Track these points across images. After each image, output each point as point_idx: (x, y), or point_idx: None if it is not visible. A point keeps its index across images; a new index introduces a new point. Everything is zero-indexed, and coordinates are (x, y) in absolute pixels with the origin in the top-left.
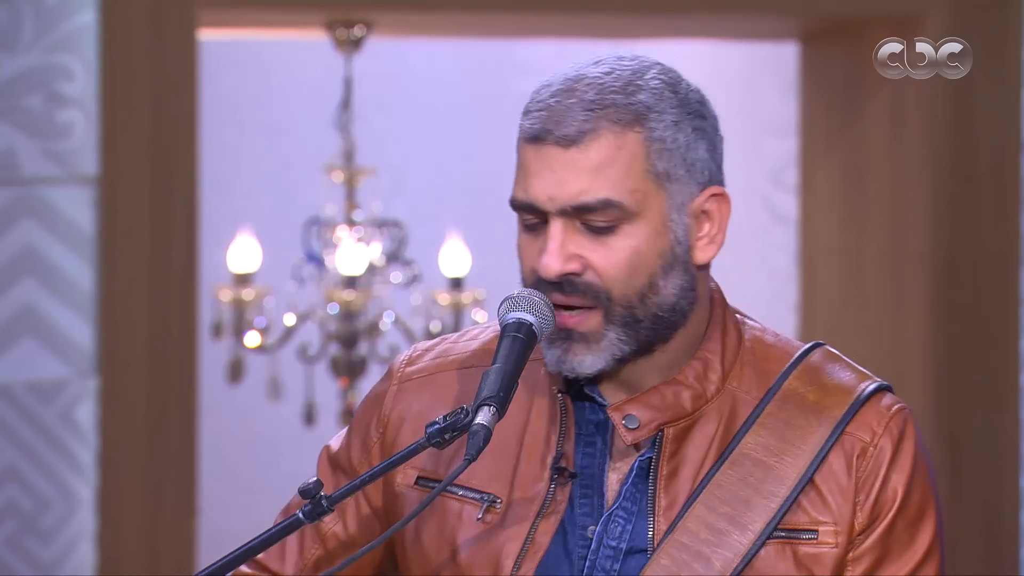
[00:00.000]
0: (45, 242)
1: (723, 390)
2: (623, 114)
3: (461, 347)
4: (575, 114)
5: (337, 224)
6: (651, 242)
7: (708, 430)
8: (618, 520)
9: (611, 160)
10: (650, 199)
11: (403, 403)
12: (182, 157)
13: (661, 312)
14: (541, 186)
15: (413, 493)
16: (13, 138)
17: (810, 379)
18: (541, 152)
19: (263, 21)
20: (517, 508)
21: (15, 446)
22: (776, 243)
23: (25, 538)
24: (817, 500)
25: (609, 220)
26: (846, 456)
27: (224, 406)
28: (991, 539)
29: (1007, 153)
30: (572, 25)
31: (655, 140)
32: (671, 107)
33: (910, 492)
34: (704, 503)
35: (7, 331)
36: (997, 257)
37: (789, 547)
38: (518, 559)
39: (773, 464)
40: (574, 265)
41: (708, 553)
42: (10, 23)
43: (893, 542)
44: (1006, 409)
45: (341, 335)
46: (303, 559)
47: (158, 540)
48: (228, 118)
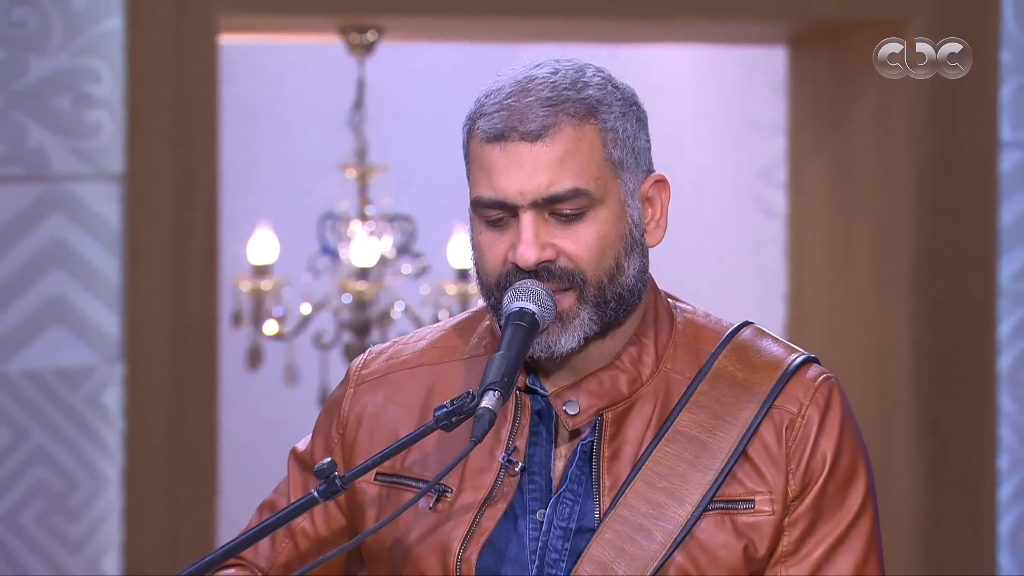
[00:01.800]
0: (74, 236)
1: (658, 372)
2: (578, 107)
3: (411, 348)
4: (535, 111)
5: (350, 219)
6: (614, 226)
7: (645, 412)
8: (566, 502)
9: (574, 151)
10: (609, 186)
11: (359, 404)
12: (203, 155)
13: (624, 292)
14: (510, 181)
15: (372, 489)
16: (43, 137)
17: (739, 357)
18: (507, 150)
19: (280, 27)
20: (466, 497)
21: (45, 429)
22: (766, 237)
23: (55, 516)
24: (752, 472)
25: (576, 208)
26: (776, 428)
27: (243, 391)
28: (971, 516)
29: (986, 151)
30: (572, 30)
31: (608, 130)
32: (616, 100)
33: (839, 457)
34: (643, 480)
35: (38, 320)
36: (977, 250)
37: (728, 517)
38: (463, 542)
39: (707, 440)
40: (548, 253)
41: (649, 526)
42: (40, 28)
43: (826, 505)
44: (985, 394)
45: (354, 323)
46: (275, 552)
47: (180, 517)
48: (247, 118)
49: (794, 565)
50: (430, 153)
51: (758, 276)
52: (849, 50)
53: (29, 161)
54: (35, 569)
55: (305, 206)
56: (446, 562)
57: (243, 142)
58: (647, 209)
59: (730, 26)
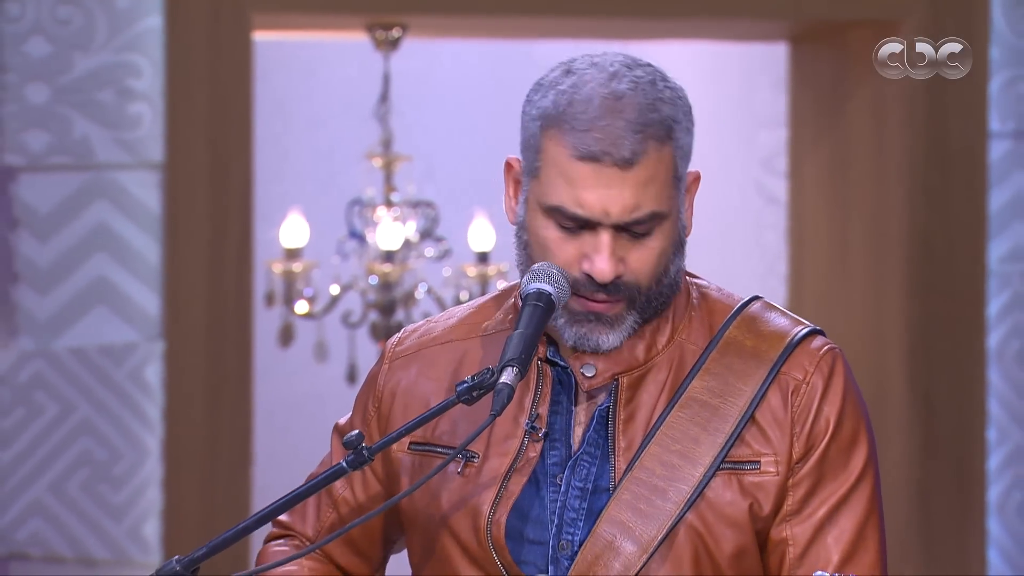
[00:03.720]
0: (116, 221)
1: (673, 341)
2: (659, 131)
3: (441, 326)
4: (627, 136)
5: (376, 205)
6: (671, 236)
7: (659, 378)
8: (583, 464)
9: (655, 175)
10: (673, 201)
11: (394, 379)
12: (238, 145)
13: (665, 291)
14: (597, 201)
15: (407, 458)
16: (88, 128)
17: (748, 328)
18: (598, 171)
19: (310, 24)
20: (492, 463)
21: (90, 403)
22: (768, 223)
23: (99, 484)
24: (758, 434)
25: (650, 228)
26: (782, 393)
27: (275, 367)
28: (961, 485)
29: (976, 143)
30: (585, 28)
31: (679, 148)
32: (684, 115)
33: (841, 422)
34: (658, 443)
35: (83, 300)
36: (967, 235)
37: (735, 477)
38: (493, 505)
39: (718, 404)
40: (620, 268)
41: (664, 486)
42: (85, 26)
43: (828, 467)
44: (975, 370)
45: (380, 303)
46: (320, 522)
47: (217, 486)
48: (278, 111)
49: (798, 524)
50: (451, 143)
51: (760, 259)
52: (847, 47)
53: (75, 151)
54: (80, 533)
55: (334, 193)
56: (477, 524)
57: (275, 133)
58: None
59: (734, 24)
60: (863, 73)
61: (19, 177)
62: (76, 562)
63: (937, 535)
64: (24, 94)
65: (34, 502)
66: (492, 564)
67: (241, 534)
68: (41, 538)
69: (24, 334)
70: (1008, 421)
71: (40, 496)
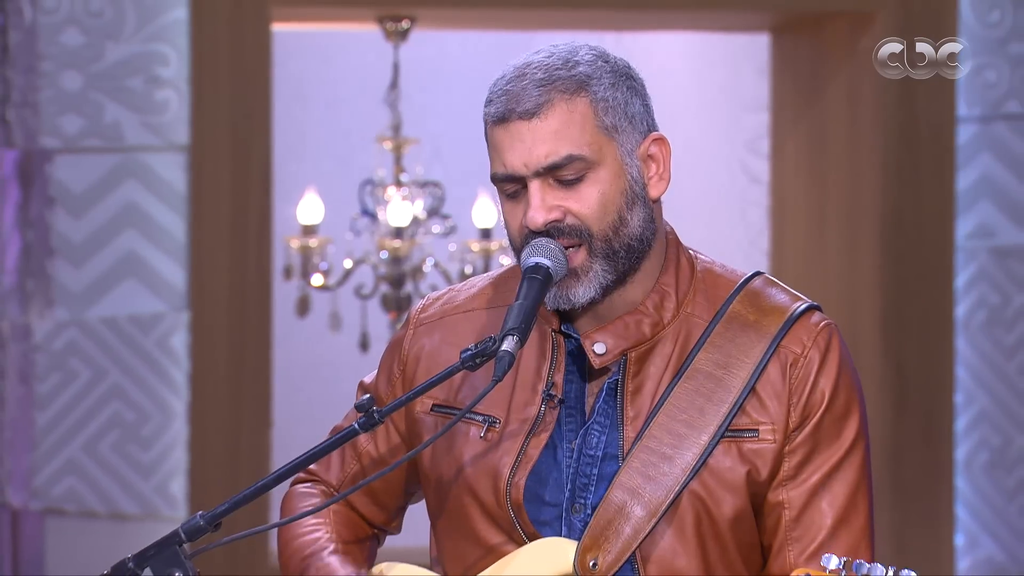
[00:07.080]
0: (145, 199)
1: (678, 316)
2: (568, 84)
3: (463, 295)
4: (530, 92)
5: (387, 185)
6: (613, 184)
7: (666, 351)
8: (594, 432)
9: (567, 123)
10: (605, 149)
11: (418, 344)
12: (258, 129)
13: (631, 242)
14: (515, 156)
15: (429, 418)
16: (119, 113)
17: (751, 302)
18: (509, 129)
19: (325, 16)
20: (512, 427)
21: (120, 369)
22: (752, 201)
23: (129, 445)
24: (758, 404)
25: (576, 172)
26: (781, 366)
27: (293, 336)
28: (930, 446)
29: (945, 127)
30: (581, 19)
31: (599, 100)
32: (605, 73)
33: (836, 394)
34: (665, 413)
35: (113, 273)
36: (936, 213)
37: (734, 444)
38: (513, 468)
39: (722, 376)
40: (556, 214)
41: (671, 454)
42: (115, 17)
43: (822, 436)
44: (943, 337)
45: (390, 276)
46: (344, 471)
47: (239, 447)
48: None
49: (794, 488)
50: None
51: (744, 235)
52: (825, 37)
53: (106, 134)
54: (111, 490)
55: (348, 173)
56: (497, 486)
57: (293, 117)
58: (649, 165)
59: (721, 16)
60: (840, 61)
61: (55, 159)
62: (108, 517)
63: (909, 492)
64: (59, 81)
65: (69, 461)
66: (510, 523)
67: (261, 491)
68: (75, 495)
69: (59, 305)
70: (974, 386)
71: (74, 456)
